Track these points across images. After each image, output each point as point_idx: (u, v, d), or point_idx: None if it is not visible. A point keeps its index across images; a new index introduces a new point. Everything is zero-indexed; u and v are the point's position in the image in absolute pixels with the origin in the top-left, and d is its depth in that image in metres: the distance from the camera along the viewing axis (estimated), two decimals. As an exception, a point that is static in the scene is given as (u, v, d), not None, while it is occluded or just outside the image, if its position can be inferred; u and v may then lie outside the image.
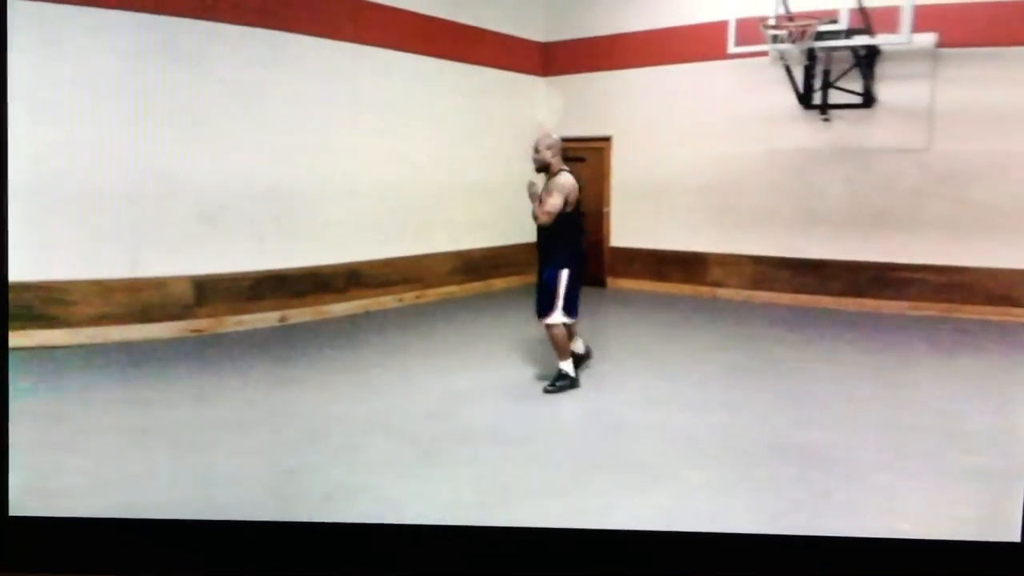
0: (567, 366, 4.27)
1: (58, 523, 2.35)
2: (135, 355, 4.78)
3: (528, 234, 8.50)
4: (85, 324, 4.93)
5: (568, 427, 3.72)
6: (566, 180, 4.20)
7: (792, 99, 6.97)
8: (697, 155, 7.64)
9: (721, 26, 7.10)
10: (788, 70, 6.88)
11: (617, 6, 8.07)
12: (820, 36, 6.48)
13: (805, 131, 7.02)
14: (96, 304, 5.00)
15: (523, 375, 4.72)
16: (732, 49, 6.94)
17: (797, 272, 7.20)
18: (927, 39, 6.29)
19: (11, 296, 4.54)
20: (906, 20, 6.10)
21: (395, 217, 6.75)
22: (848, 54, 6.56)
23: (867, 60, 6.55)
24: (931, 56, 6.36)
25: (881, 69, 6.60)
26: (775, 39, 6.65)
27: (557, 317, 4.25)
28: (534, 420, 3.82)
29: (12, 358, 4.36)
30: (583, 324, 6.73)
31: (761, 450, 3.39)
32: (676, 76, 7.74)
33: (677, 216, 7.89)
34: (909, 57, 6.40)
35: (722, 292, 7.61)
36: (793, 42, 6.56)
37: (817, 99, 6.86)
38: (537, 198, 4.14)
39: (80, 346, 4.84)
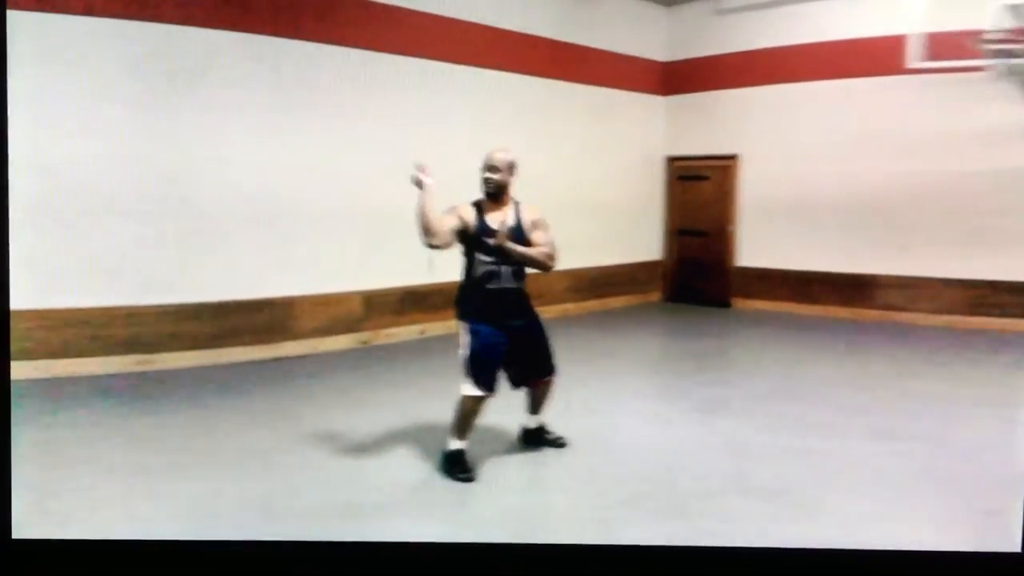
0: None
1: (61, 546, 2.31)
2: (328, 365, 5.28)
3: (646, 253, 8.49)
4: (306, 336, 5.60)
5: (689, 448, 3.59)
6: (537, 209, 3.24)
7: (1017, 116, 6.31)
8: (855, 172, 7.18)
9: (883, 41, 6.73)
10: None
11: (748, 24, 7.85)
12: None
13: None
14: (311, 318, 5.64)
15: (640, 390, 4.66)
16: (914, 64, 6.40)
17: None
18: None
19: (257, 312, 5.28)
20: None
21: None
22: None
23: None
24: None
25: None
26: (1004, 54, 5.95)
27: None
28: (652, 439, 3.72)
29: (266, 368, 5.03)
30: (709, 346, 6.56)
31: (948, 483, 3.09)
32: (825, 92, 7.36)
33: (830, 235, 7.41)
34: None
35: (902, 316, 7.01)
36: None
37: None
38: (507, 238, 3.08)
39: (301, 357, 5.43)
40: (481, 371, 3.12)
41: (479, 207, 3.19)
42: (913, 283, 7.01)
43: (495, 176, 3.15)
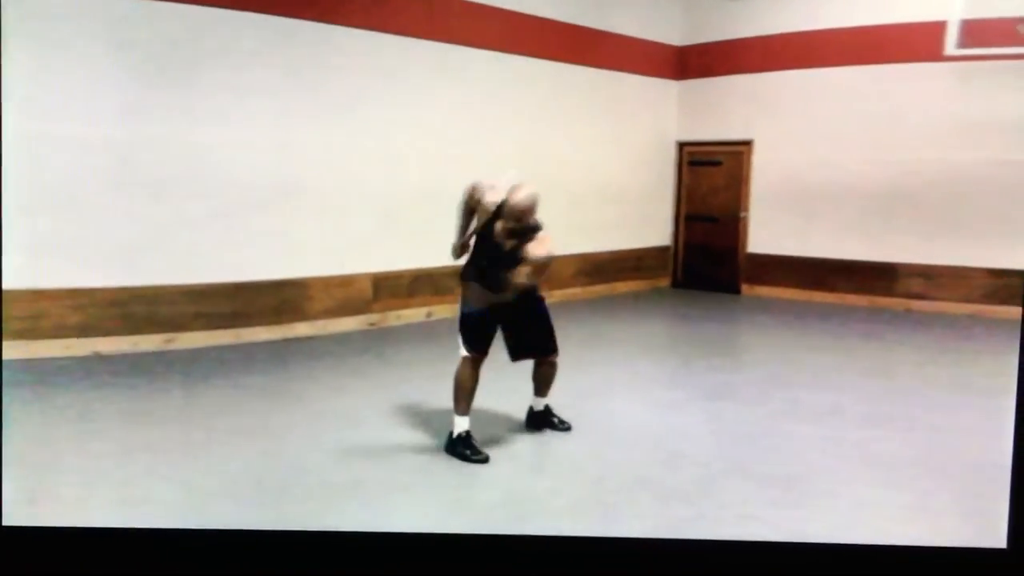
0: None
1: (52, 533, 2.28)
2: (338, 345, 5.31)
3: (655, 238, 8.46)
4: (318, 317, 5.65)
5: (694, 434, 3.59)
6: None
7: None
8: (877, 160, 7.09)
9: (911, 28, 6.62)
10: None
11: (766, 9, 7.72)
12: None
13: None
14: (323, 299, 5.70)
15: (647, 375, 4.66)
16: (952, 51, 6.33)
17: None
18: None
19: (273, 293, 5.30)
20: None
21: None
22: None
23: None
24: None
25: None
26: None
27: None
28: (657, 424, 3.72)
29: (279, 349, 5.04)
30: (718, 332, 6.55)
31: (961, 470, 3.09)
32: (848, 79, 7.24)
33: (848, 223, 7.32)
34: None
35: (924, 305, 6.92)
36: None
37: None
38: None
39: (312, 337, 5.47)
40: (470, 332, 3.22)
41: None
42: (937, 271, 6.92)
43: (531, 219, 3.15)
